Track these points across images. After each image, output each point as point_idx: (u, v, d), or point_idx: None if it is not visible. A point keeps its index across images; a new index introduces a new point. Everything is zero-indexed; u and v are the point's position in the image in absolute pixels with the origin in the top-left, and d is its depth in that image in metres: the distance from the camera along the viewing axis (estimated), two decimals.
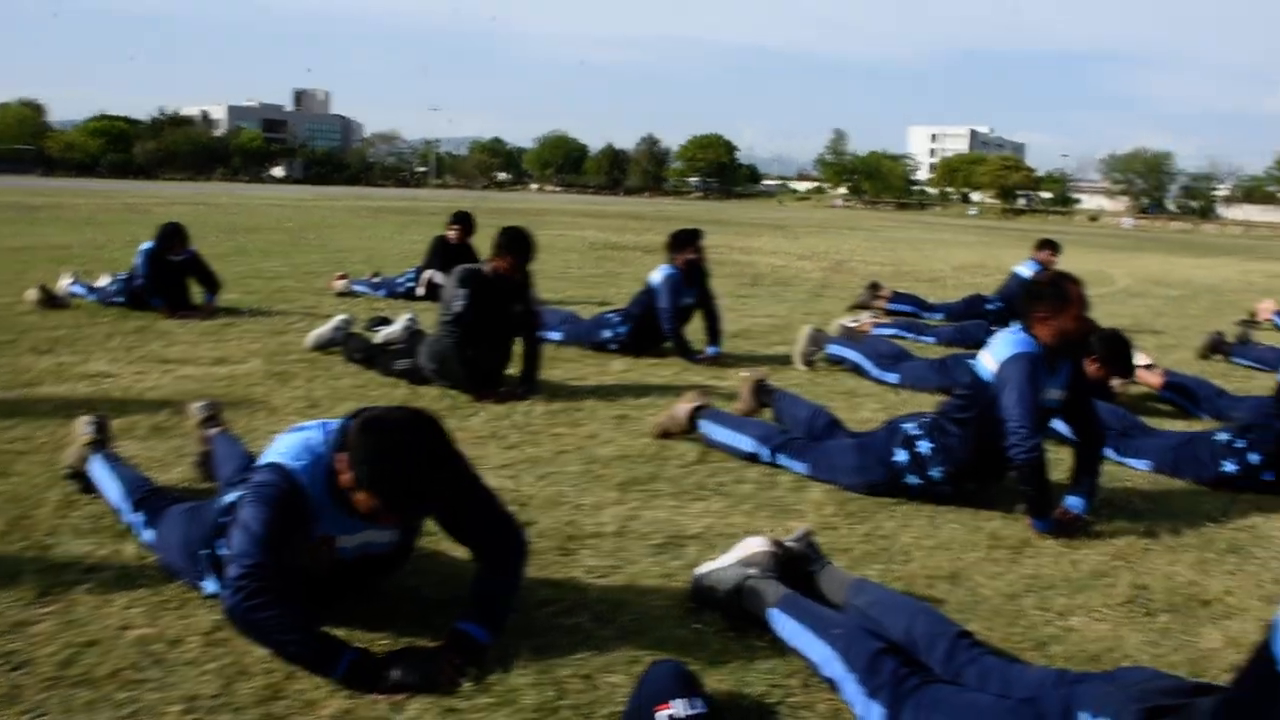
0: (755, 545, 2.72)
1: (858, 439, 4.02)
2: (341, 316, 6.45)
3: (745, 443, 4.25)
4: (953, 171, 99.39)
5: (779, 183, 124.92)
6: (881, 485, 3.85)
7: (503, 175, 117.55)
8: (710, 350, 6.73)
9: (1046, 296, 3.69)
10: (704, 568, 2.79)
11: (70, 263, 9.64)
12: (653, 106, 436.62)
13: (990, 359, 3.70)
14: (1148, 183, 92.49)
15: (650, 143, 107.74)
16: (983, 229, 45.09)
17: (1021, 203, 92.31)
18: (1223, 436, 4.44)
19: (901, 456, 3.81)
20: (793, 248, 20.47)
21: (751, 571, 2.65)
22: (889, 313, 9.46)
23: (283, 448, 2.44)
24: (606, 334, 6.83)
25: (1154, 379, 6.22)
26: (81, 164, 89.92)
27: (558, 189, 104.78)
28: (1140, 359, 6.40)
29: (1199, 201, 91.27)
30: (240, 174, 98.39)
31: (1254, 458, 4.29)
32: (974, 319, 9.08)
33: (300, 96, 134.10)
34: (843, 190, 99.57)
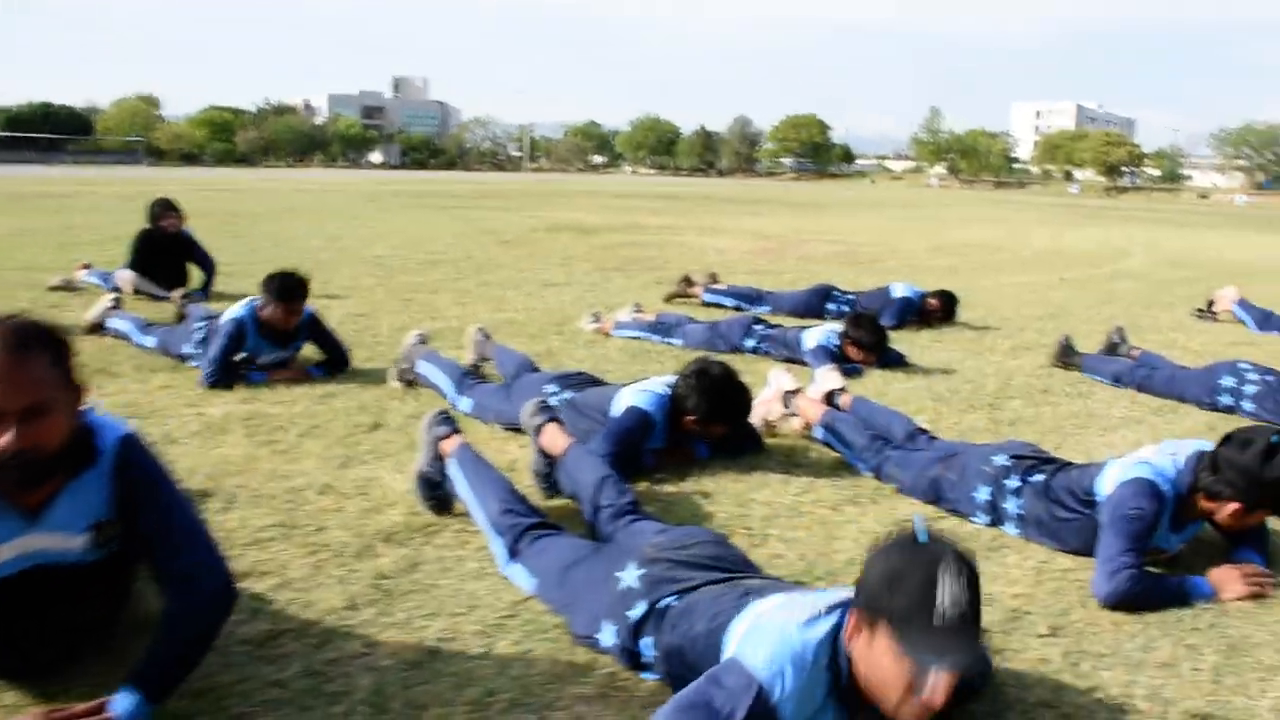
0: None
1: None
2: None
3: None
4: (1054, 149, 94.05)
5: (875, 162, 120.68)
6: None
7: (597, 158, 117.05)
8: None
9: None
10: None
11: None
12: (750, 89, 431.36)
13: None
14: (1263, 157, 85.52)
15: (743, 124, 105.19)
16: (1066, 207, 41.86)
17: (1126, 180, 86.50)
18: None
19: None
20: (774, 228, 18.52)
21: None
22: (706, 304, 7.95)
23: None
24: None
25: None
26: (187, 154, 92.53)
27: (651, 171, 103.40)
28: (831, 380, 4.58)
29: None
30: (339, 160, 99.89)
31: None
32: (813, 316, 7.45)
33: (399, 83, 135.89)
34: (939, 169, 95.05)
